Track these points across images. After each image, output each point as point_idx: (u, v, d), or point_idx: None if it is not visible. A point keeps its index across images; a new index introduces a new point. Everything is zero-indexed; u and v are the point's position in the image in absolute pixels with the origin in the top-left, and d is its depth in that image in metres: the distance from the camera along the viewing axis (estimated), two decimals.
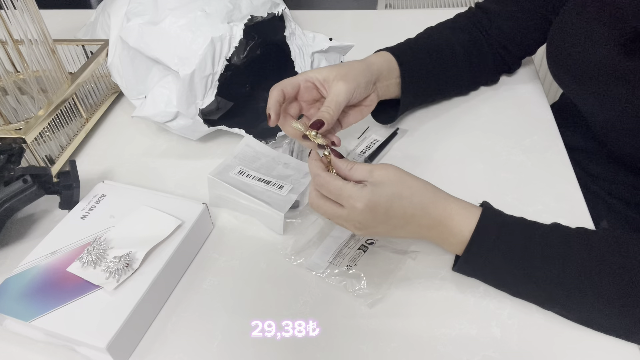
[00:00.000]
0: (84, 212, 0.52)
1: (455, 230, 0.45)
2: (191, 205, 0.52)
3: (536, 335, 0.44)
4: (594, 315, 0.43)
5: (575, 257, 0.42)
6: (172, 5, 0.61)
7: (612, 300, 0.41)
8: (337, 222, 0.46)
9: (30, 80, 0.65)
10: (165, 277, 0.48)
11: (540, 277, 0.43)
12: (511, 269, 0.44)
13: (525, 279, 0.44)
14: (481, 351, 0.43)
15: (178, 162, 0.65)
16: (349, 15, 0.97)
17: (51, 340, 0.44)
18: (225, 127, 0.64)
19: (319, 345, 0.44)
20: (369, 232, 0.45)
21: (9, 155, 0.53)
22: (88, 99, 0.72)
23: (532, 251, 0.43)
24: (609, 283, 0.41)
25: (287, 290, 0.49)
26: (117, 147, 0.68)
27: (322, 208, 0.45)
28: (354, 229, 0.45)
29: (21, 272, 0.47)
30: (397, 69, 0.60)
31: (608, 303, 0.41)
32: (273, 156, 0.59)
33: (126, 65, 0.64)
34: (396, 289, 0.48)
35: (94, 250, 0.47)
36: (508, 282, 0.46)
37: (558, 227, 0.45)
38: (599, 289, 0.41)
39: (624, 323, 0.42)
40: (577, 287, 0.42)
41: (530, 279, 0.44)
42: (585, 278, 0.42)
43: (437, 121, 0.68)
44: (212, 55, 0.59)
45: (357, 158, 0.63)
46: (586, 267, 0.42)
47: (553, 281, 0.43)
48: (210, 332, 0.46)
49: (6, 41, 0.64)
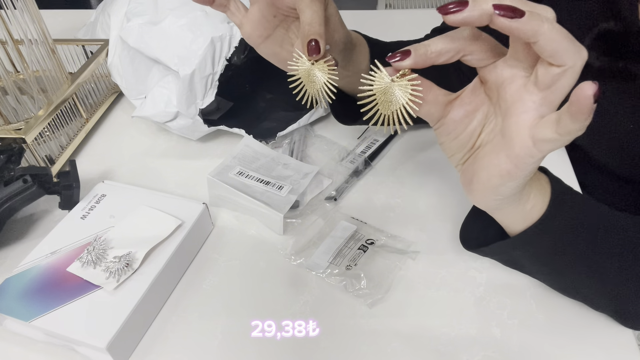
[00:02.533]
0: (84, 212, 0.52)
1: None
2: (191, 205, 0.52)
3: (536, 335, 0.44)
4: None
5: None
6: (172, 5, 0.61)
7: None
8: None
9: (30, 80, 0.65)
10: (165, 277, 0.48)
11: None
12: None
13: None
14: (481, 351, 0.43)
15: (178, 162, 0.65)
16: (349, 15, 0.97)
17: (51, 340, 0.44)
18: (225, 127, 0.64)
19: (319, 345, 0.44)
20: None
21: (9, 155, 0.53)
22: (88, 99, 0.72)
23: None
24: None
25: (287, 290, 0.49)
26: (117, 147, 0.68)
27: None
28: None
29: (21, 272, 0.47)
30: (366, 44, 0.52)
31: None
32: (272, 157, 0.59)
33: (126, 65, 0.64)
34: (396, 289, 0.48)
35: (94, 250, 0.47)
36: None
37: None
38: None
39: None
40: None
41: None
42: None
43: None
44: (212, 55, 0.59)
45: (357, 158, 0.63)
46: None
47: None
48: (210, 332, 0.46)
49: (6, 41, 0.64)
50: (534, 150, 0.29)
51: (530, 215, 0.37)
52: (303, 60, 0.38)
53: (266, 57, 0.45)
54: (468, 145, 0.35)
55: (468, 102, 0.34)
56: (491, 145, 0.33)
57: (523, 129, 0.29)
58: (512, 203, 0.35)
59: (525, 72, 0.29)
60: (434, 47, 0.29)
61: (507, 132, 0.31)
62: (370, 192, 0.59)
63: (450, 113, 0.34)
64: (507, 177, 0.31)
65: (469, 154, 0.35)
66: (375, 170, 0.62)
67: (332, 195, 0.58)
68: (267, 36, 0.43)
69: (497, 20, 0.26)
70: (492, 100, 0.33)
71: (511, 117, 0.30)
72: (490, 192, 0.34)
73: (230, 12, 0.43)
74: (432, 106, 0.33)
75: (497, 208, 0.36)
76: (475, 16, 0.27)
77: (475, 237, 0.44)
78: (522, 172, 0.31)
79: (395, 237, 0.53)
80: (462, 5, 0.27)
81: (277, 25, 0.42)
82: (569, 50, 0.26)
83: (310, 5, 0.37)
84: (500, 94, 0.31)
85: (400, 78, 0.31)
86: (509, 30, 0.26)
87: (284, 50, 0.44)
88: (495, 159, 0.32)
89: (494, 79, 0.31)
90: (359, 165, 0.62)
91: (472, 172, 0.34)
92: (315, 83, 0.38)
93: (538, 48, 0.26)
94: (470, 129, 0.34)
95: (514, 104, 0.30)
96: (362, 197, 0.59)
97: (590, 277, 0.41)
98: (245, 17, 0.42)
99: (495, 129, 0.33)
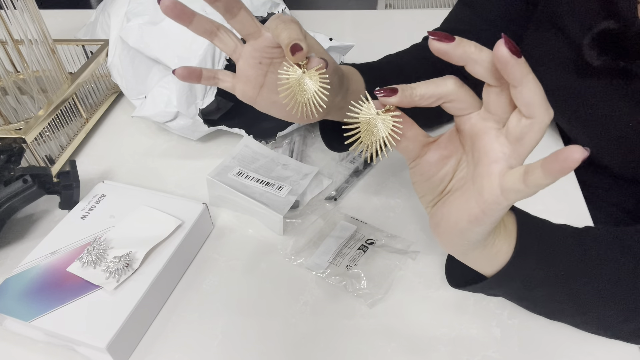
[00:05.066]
0: (84, 212, 0.52)
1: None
2: (191, 205, 0.52)
3: (536, 335, 0.44)
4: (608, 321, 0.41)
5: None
6: None
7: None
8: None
9: (30, 80, 0.65)
10: (165, 277, 0.48)
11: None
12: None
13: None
14: (481, 351, 0.43)
15: (178, 162, 0.65)
16: (349, 15, 0.97)
17: (51, 340, 0.44)
18: (225, 127, 0.64)
19: (319, 345, 0.44)
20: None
21: (9, 155, 0.53)
22: (88, 99, 0.72)
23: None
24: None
25: (287, 290, 0.49)
26: (117, 147, 0.68)
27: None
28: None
29: (21, 272, 0.47)
30: (359, 74, 0.53)
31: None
32: (272, 157, 0.59)
33: (126, 65, 0.64)
34: (396, 289, 0.48)
35: (94, 250, 0.47)
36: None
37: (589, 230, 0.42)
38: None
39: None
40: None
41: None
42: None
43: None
44: (212, 55, 0.59)
45: (357, 158, 0.63)
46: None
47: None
48: (210, 332, 0.46)
49: (6, 41, 0.64)
50: (501, 198, 0.31)
51: (496, 259, 0.38)
52: (293, 69, 0.38)
53: (267, 110, 0.45)
54: (439, 188, 0.36)
55: (444, 147, 0.35)
56: (461, 192, 0.34)
57: (493, 177, 0.31)
58: (477, 248, 0.36)
59: (497, 124, 0.31)
60: (419, 91, 0.31)
61: (477, 180, 0.32)
62: (370, 192, 0.59)
63: (426, 154, 0.35)
64: (475, 222, 0.33)
65: (439, 198, 0.37)
66: (375, 170, 0.62)
67: (332, 195, 0.58)
68: (260, 86, 0.43)
69: (500, 51, 0.27)
70: (466, 148, 0.34)
71: (482, 166, 0.32)
72: (457, 237, 0.35)
73: (220, 81, 0.43)
74: (410, 143, 0.35)
75: (464, 253, 0.37)
76: (463, 51, 0.29)
77: (459, 274, 0.46)
78: (489, 219, 0.32)
79: (395, 237, 0.53)
80: (449, 39, 0.29)
81: (265, 71, 0.42)
82: (542, 106, 0.28)
83: (286, 28, 0.37)
84: (474, 143, 0.32)
85: (384, 113, 0.33)
86: (504, 65, 0.27)
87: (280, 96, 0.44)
88: (464, 204, 0.33)
89: (468, 129, 0.33)
90: (359, 165, 0.62)
91: (440, 216, 0.36)
92: (306, 92, 0.38)
93: (517, 94, 0.28)
94: (442, 173, 0.36)
95: (485, 153, 0.31)
96: (362, 197, 0.59)
97: (571, 307, 0.42)
98: (234, 77, 0.43)
99: (466, 177, 0.34)
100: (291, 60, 0.37)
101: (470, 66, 0.29)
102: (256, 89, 0.43)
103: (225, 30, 0.41)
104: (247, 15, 0.39)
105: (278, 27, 0.38)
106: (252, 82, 0.42)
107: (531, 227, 0.40)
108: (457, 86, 0.31)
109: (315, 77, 0.37)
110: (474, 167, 0.33)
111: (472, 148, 0.33)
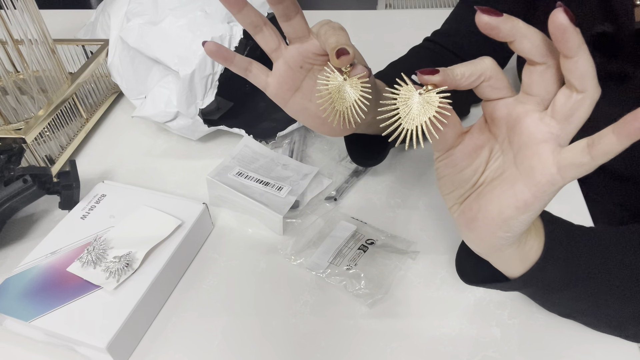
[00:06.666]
0: (84, 212, 0.52)
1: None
2: (191, 205, 0.52)
3: (536, 335, 0.44)
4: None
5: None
6: (172, 5, 0.61)
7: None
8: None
9: (30, 80, 0.65)
10: (165, 277, 0.48)
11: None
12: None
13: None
14: (481, 351, 0.43)
15: (178, 162, 0.65)
16: (349, 15, 0.98)
17: (51, 340, 0.44)
18: (225, 127, 0.64)
19: (319, 345, 0.44)
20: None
21: (9, 155, 0.53)
22: (88, 99, 0.72)
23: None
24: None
25: (287, 290, 0.49)
26: (117, 147, 0.68)
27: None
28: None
29: (21, 272, 0.47)
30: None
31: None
32: (272, 157, 0.59)
33: (126, 65, 0.64)
34: (396, 289, 0.48)
35: (94, 250, 0.47)
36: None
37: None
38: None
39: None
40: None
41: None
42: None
43: None
44: None
45: None
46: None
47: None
48: (210, 332, 0.46)
49: (6, 41, 0.64)
50: (557, 177, 0.29)
51: (528, 258, 0.37)
52: (334, 75, 0.36)
53: (296, 115, 0.43)
54: (471, 181, 0.34)
55: (477, 137, 0.34)
56: (500, 180, 0.33)
57: (545, 156, 0.30)
58: (513, 244, 0.35)
59: (538, 107, 0.30)
60: (458, 70, 0.30)
61: (524, 162, 0.31)
62: (370, 192, 0.59)
63: (460, 144, 0.34)
64: (524, 208, 0.31)
65: (470, 191, 0.35)
66: (375, 170, 0.62)
67: (332, 195, 0.58)
68: (295, 89, 0.41)
69: (559, 19, 0.26)
70: (499, 138, 0.33)
71: (529, 148, 0.30)
72: (500, 228, 0.33)
73: (252, 75, 0.41)
74: (450, 129, 0.33)
75: (499, 249, 0.35)
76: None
77: (471, 272, 0.43)
78: (539, 203, 0.31)
79: (395, 237, 0.53)
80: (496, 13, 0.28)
81: (304, 76, 0.41)
82: (594, 78, 0.27)
83: (335, 34, 0.36)
84: (514, 128, 0.31)
85: (427, 91, 0.30)
86: (563, 32, 0.26)
87: (313, 103, 0.42)
88: (508, 191, 0.32)
89: (505, 115, 0.31)
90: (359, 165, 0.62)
91: (477, 208, 0.34)
92: (345, 100, 0.36)
93: (571, 65, 0.27)
94: (475, 165, 0.34)
95: (531, 136, 0.30)
96: (362, 197, 0.59)
97: (588, 306, 0.41)
98: (269, 75, 0.41)
99: (503, 165, 0.33)
100: (335, 64, 0.35)
101: (518, 41, 0.28)
102: (290, 91, 0.41)
103: (271, 27, 0.39)
104: (301, 20, 0.38)
105: (327, 32, 0.36)
106: (288, 84, 0.41)
107: (556, 225, 0.38)
108: (494, 64, 0.30)
109: (356, 85, 0.35)
110: (515, 153, 0.31)
111: (512, 133, 0.31)
